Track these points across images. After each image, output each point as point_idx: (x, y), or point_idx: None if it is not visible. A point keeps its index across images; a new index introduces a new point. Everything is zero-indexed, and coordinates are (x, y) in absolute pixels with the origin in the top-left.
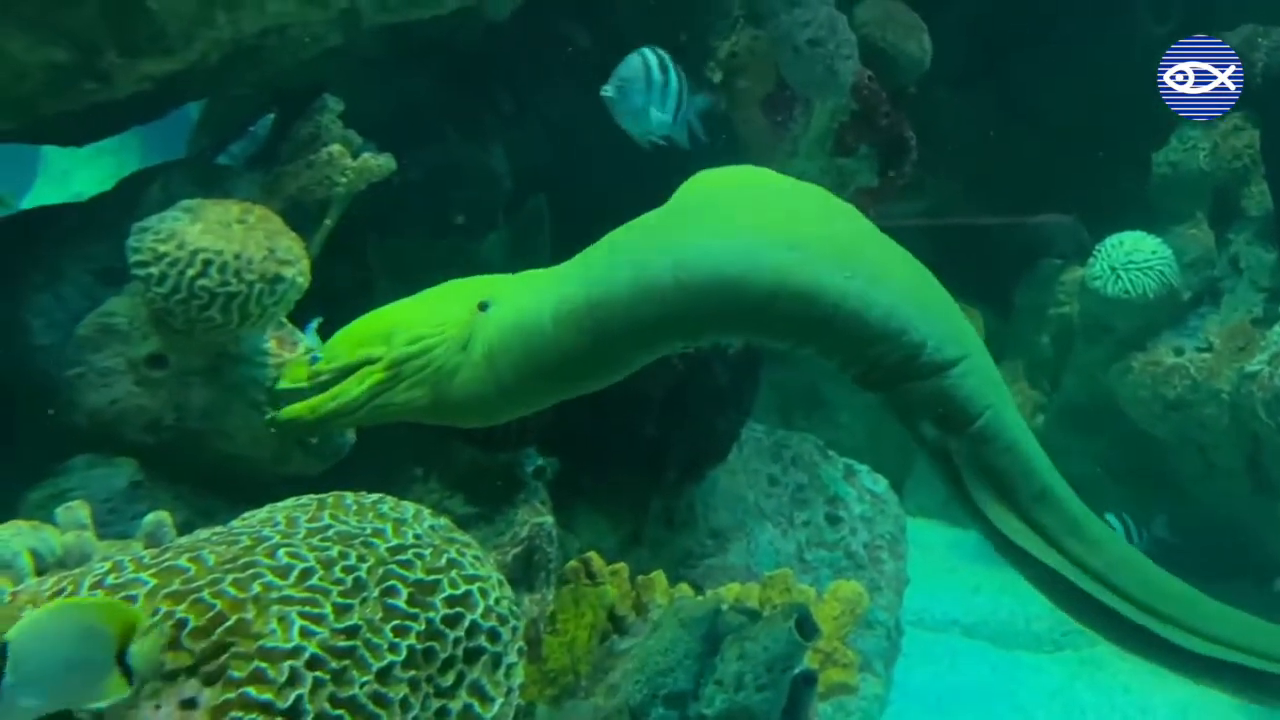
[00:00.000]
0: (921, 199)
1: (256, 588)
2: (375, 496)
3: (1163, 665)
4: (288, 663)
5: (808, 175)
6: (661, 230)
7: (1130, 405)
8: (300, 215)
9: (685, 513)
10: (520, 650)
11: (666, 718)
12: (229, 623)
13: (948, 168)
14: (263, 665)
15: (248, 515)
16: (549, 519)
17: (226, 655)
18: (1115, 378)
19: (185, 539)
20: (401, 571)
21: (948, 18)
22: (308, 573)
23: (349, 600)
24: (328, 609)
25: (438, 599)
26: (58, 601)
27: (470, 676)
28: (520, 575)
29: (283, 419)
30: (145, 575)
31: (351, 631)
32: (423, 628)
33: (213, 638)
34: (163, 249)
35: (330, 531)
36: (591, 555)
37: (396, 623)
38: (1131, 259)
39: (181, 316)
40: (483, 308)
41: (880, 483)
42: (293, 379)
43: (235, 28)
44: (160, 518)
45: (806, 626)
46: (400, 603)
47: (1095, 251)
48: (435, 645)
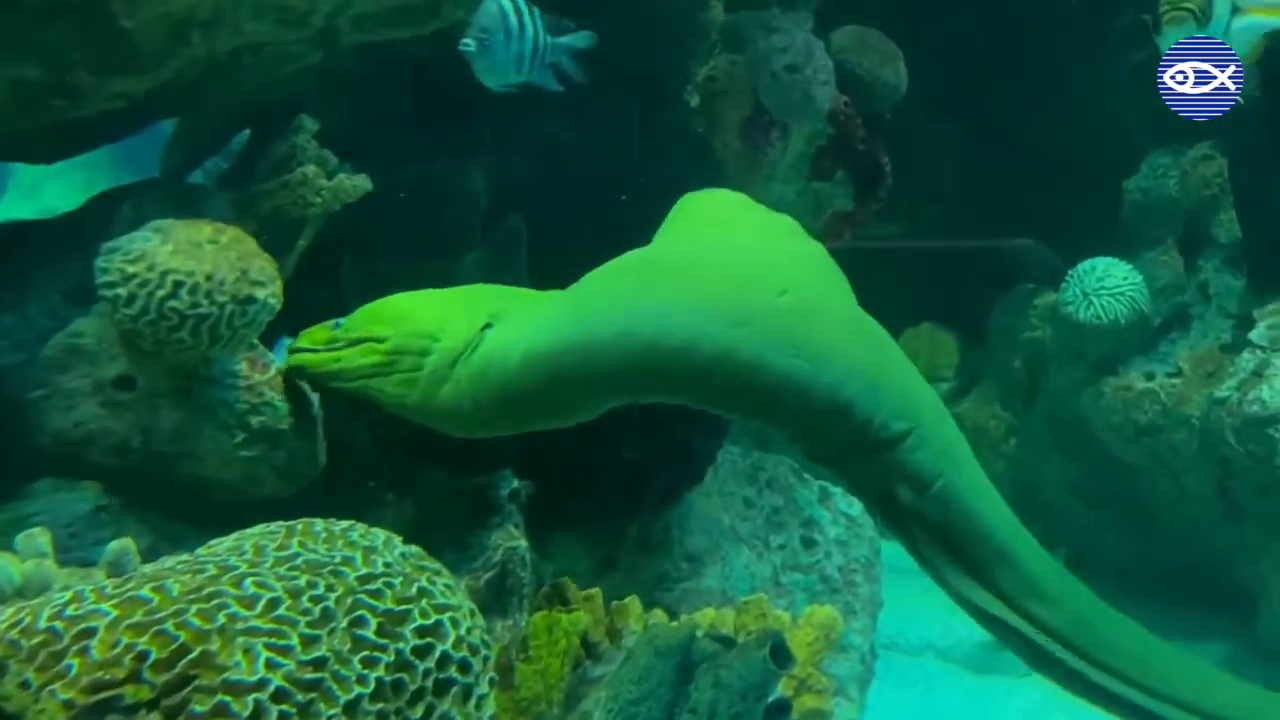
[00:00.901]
0: (897, 223)
1: (222, 619)
2: (346, 524)
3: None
4: (252, 696)
5: (784, 199)
6: (629, 284)
7: (1102, 430)
8: (274, 235)
9: (661, 536)
10: (492, 681)
11: None
12: (192, 655)
13: (923, 193)
14: (226, 699)
15: (215, 543)
16: (523, 543)
17: (189, 689)
18: (1087, 402)
19: (150, 567)
20: (371, 601)
21: (924, 45)
22: (274, 603)
23: (316, 631)
24: (294, 640)
25: (408, 629)
26: None
27: (440, 709)
28: (493, 600)
29: (289, 363)
30: (106, 606)
31: (319, 663)
32: (392, 659)
33: (175, 670)
34: (132, 270)
35: (299, 560)
36: (565, 581)
37: (365, 654)
38: (1103, 285)
39: (150, 338)
40: (488, 326)
41: (855, 505)
42: (310, 339)
43: (210, 47)
44: (124, 545)
45: (781, 655)
46: (369, 633)
47: (1068, 277)
48: (404, 677)
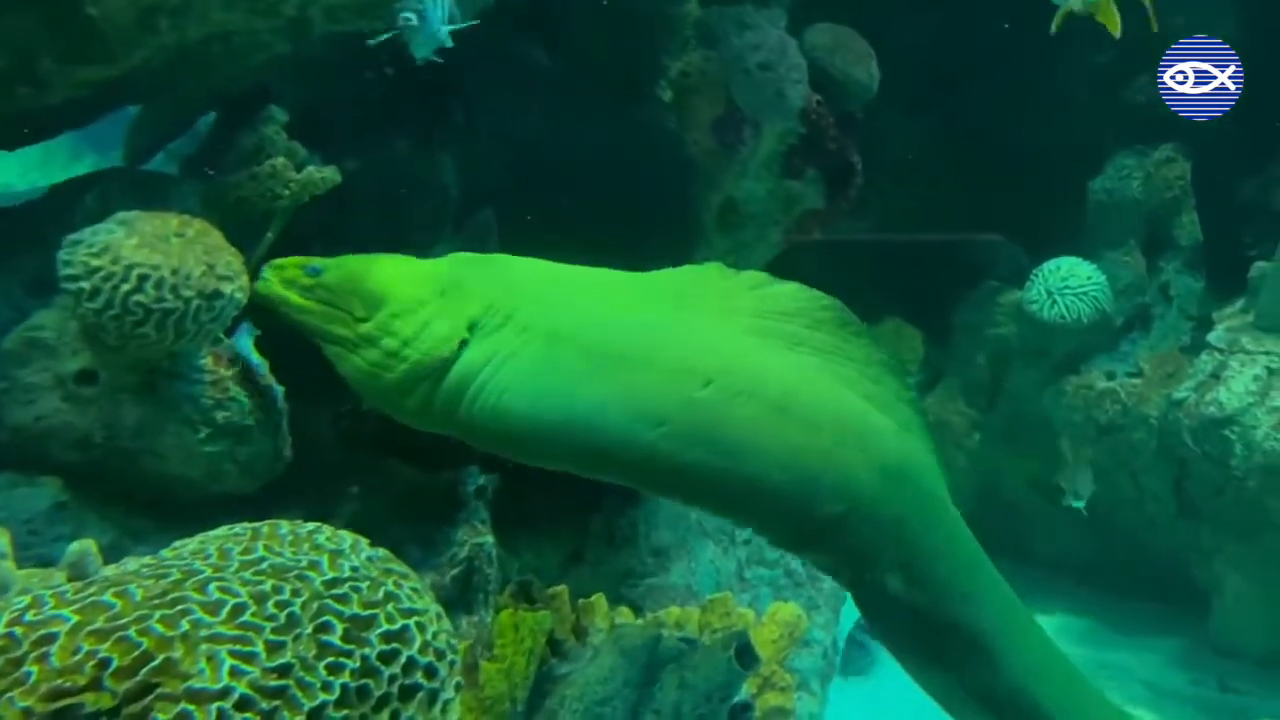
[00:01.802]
0: (866, 218)
1: (185, 625)
2: (312, 526)
3: None
4: (215, 704)
5: (756, 196)
6: (579, 368)
7: (1063, 427)
8: (241, 228)
9: (627, 530)
10: (458, 686)
11: None
12: (155, 662)
13: (893, 189)
14: (189, 708)
15: (179, 545)
16: (489, 539)
17: (151, 697)
18: (1049, 400)
19: (112, 571)
20: (337, 606)
21: (895, 43)
22: (239, 609)
23: (282, 637)
24: (259, 647)
25: (374, 634)
26: None
27: (405, 714)
28: (458, 597)
29: (261, 289)
30: (67, 611)
31: (284, 670)
32: (357, 665)
33: (137, 678)
34: (95, 263)
35: (264, 564)
36: (531, 578)
37: (331, 660)
38: (1067, 284)
39: (114, 333)
40: (464, 343)
41: None
42: (280, 274)
43: (179, 35)
44: (84, 546)
45: (746, 656)
46: (335, 639)
47: (1032, 276)
48: (370, 683)
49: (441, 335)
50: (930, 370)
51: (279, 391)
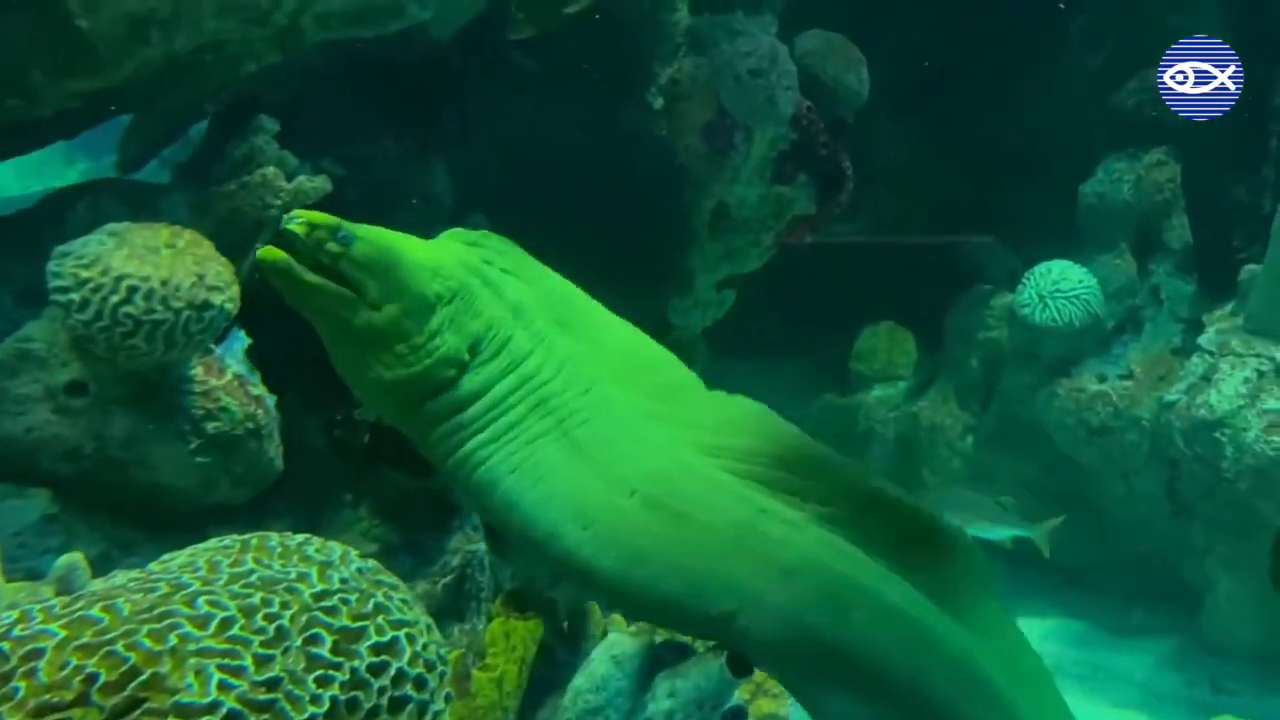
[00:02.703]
0: (858, 222)
1: (173, 639)
2: (301, 537)
3: None
4: (203, 718)
5: (747, 202)
6: (554, 450)
7: (1056, 430)
8: (232, 237)
9: None
10: (448, 697)
11: None
12: (143, 677)
13: (884, 193)
14: None
15: (167, 558)
16: (481, 546)
17: (139, 712)
18: (1042, 403)
19: (100, 585)
20: (326, 619)
21: (887, 48)
22: (228, 622)
23: (270, 651)
24: (248, 660)
25: (363, 646)
26: None
27: None
28: (450, 604)
29: (266, 257)
30: (54, 626)
31: (272, 684)
32: (347, 677)
33: (125, 693)
34: (85, 274)
35: (253, 577)
36: (523, 587)
37: (320, 673)
38: (1059, 287)
39: (104, 344)
40: (471, 356)
41: None
42: (309, 229)
43: (169, 46)
44: (73, 560)
45: (738, 664)
46: (324, 651)
47: (1024, 279)
48: (359, 695)
49: (450, 351)
50: (923, 373)
51: (271, 400)
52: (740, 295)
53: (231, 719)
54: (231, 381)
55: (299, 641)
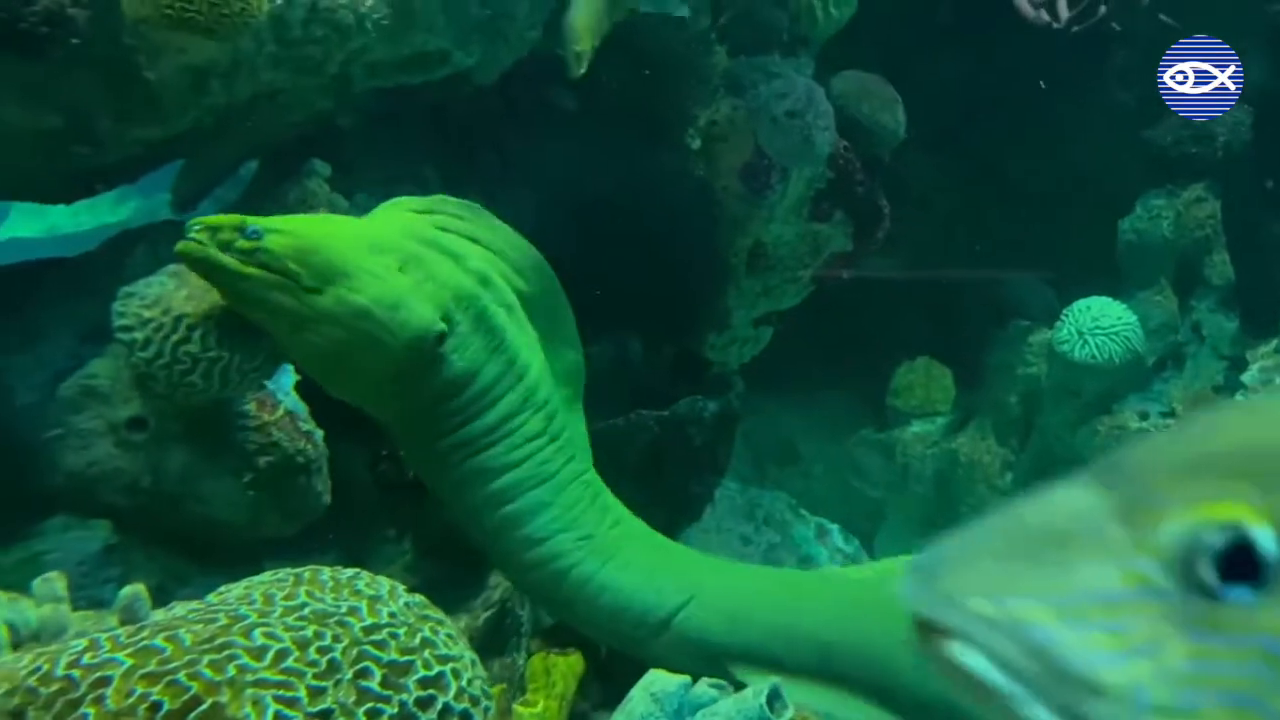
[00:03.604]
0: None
1: (232, 670)
2: (351, 571)
3: None
4: None
5: (784, 239)
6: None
7: None
8: None
9: None
10: None
11: None
12: (204, 706)
13: (921, 231)
14: None
15: (225, 589)
16: None
17: None
18: (1082, 440)
19: (161, 615)
20: (375, 652)
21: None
22: (283, 654)
23: (323, 683)
24: (302, 692)
25: (411, 680)
26: None
27: None
28: (490, 639)
29: (185, 250)
30: (121, 655)
31: (325, 715)
32: (395, 710)
33: None
34: (148, 314)
35: (306, 610)
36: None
37: (370, 705)
38: (1098, 324)
39: (164, 381)
40: (445, 330)
41: (852, 542)
42: (213, 236)
43: (229, 95)
44: (136, 591)
45: (777, 702)
46: (374, 684)
47: (1063, 316)
48: None
49: (424, 318)
50: (961, 410)
51: (319, 436)
52: (778, 331)
53: None
54: (283, 417)
55: (350, 674)
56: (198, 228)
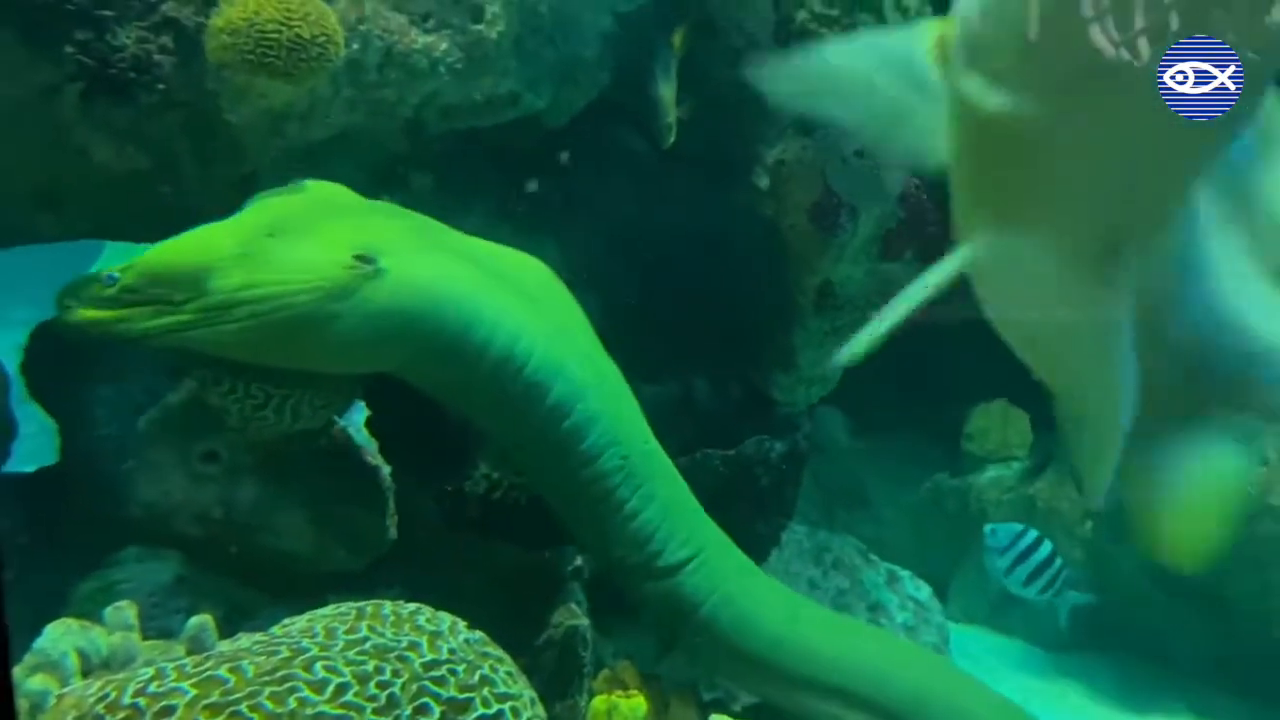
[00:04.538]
0: (969, 300)
1: (292, 703)
2: (413, 607)
3: None
4: None
5: (853, 279)
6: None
7: None
8: None
9: None
10: None
11: None
12: None
13: None
14: None
15: (288, 622)
16: (584, 621)
17: None
18: None
19: (226, 645)
20: (435, 689)
21: None
22: (343, 688)
23: (382, 718)
24: None
25: (470, 718)
26: None
27: None
28: (552, 679)
29: (66, 320)
30: (186, 685)
31: None
32: None
33: None
34: None
35: (367, 644)
36: (626, 664)
37: None
38: None
39: (237, 415)
40: (366, 261)
41: (923, 589)
42: (75, 298)
43: (305, 137)
44: (203, 621)
45: None
46: None
47: None
48: None
49: (321, 260)
50: (1039, 455)
51: (386, 471)
52: (849, 373)
53: None
54: (350, 452)
55: (409, 710)
56: (65, 298)
